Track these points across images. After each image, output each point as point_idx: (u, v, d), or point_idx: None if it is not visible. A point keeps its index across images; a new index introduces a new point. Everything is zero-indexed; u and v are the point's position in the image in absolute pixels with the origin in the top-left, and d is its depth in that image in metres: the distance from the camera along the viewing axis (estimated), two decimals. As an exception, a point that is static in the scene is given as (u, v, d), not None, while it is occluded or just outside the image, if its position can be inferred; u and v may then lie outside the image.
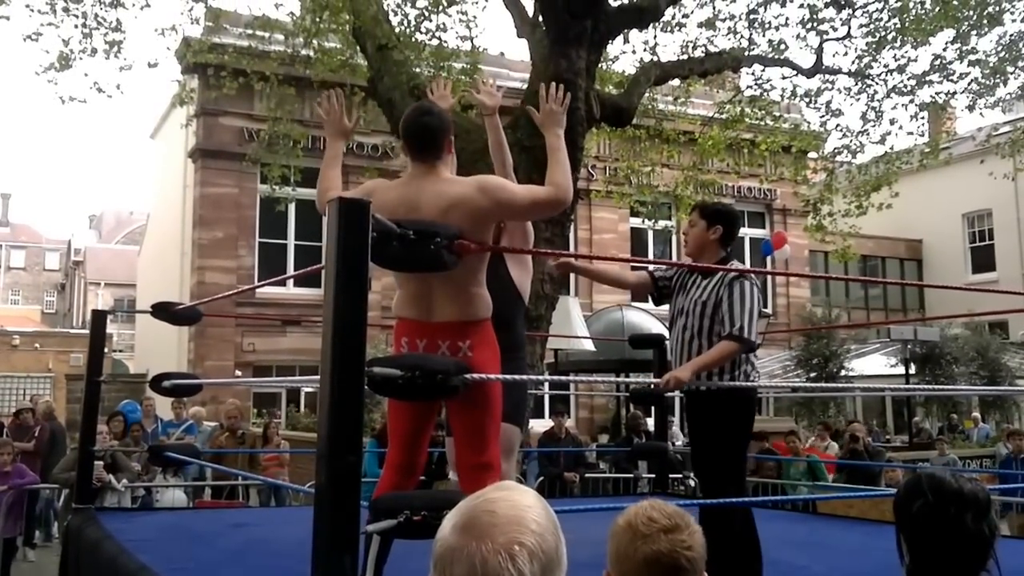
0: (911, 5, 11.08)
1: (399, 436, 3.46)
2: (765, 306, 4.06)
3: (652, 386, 4.35)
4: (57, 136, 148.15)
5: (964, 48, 11.43)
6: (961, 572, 1.98)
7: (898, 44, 11.63)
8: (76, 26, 9.99)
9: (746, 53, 11.57)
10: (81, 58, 10.09)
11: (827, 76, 12.25)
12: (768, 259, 17.74)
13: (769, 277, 22.65)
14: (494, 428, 3.37)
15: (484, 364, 3.22)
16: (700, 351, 3.94)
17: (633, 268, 5.21)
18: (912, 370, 16.16)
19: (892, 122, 18.16)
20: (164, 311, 5.45)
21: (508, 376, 3.63)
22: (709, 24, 11.78)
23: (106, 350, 6.53)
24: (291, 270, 17.34)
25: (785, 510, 7.70)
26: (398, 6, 10.65)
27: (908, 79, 12.01)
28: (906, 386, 13.90)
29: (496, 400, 3.37)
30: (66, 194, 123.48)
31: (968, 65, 11.63)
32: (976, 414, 17.15)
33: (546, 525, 1.16)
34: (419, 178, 3.29)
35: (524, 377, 3.85)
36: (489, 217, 3.29)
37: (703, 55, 11.37)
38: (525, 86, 9.23)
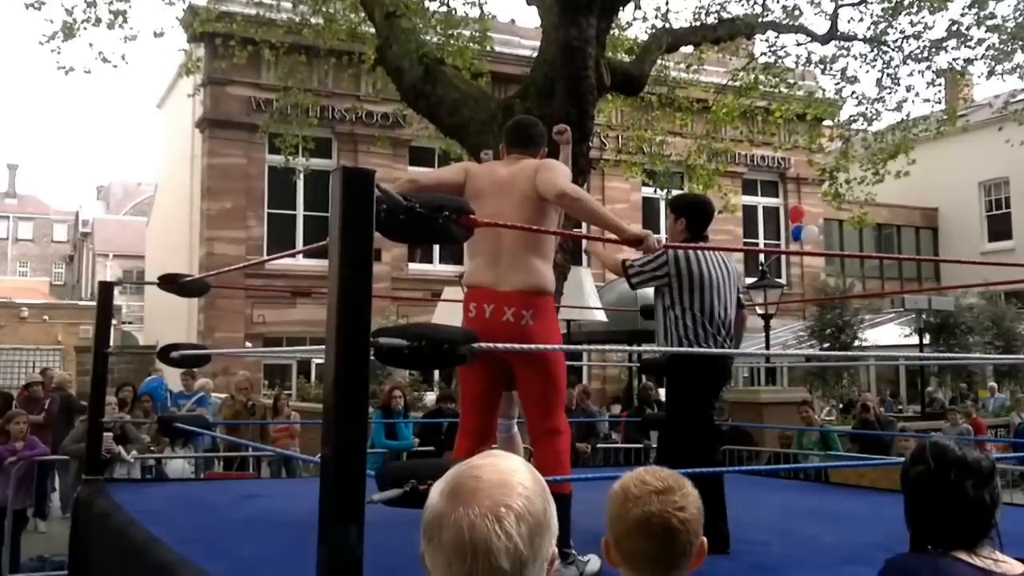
0: (928, -32, 10.88)
1: (472, 399, 3.77)
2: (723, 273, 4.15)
3: None
4: (64, 106, 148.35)
5: (981, 13, 11.21)
6: (962, 539, 1.96)
7: (914, 9, 11.42)
8: (79, -6, 9.90)
9: (760, 19, 11.39)
10: (85, 28, 10.02)
11: (842, 42, 12.06)
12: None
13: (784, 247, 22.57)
14: (557, 395, 3.71)
15: (544, 335, 3.55)
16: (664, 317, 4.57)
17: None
18: (926, 340, 16.06)
19: (908, 89, 17.81)
20: (171, 283, 5.41)
21: (533, 347, 3.56)
22: (722, -10, 11.60)
23: (115, 322, 6.50)
24: (300, 241, 17.34)
25: (797, 479, 7.68)
26: (406, -28, 10.50)
27: (924, 45, 11.82)
28: (919, 355, 13.79)
29: (557, 369, 3.69)
30: (73, 165, 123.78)
31: (985, 31, 11.42)
32: (992, 384, 17.05)
33: (533, 488, 1.17)
34: (511, 163, 3.82)
35: (538, 347, 3.78)
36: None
37: (716, 21, 11.20)
38: (535, 54, 9.10)
